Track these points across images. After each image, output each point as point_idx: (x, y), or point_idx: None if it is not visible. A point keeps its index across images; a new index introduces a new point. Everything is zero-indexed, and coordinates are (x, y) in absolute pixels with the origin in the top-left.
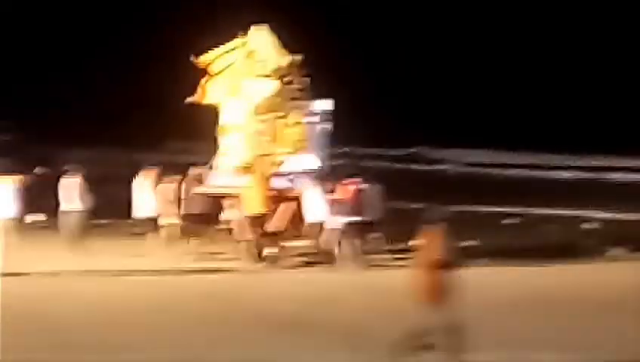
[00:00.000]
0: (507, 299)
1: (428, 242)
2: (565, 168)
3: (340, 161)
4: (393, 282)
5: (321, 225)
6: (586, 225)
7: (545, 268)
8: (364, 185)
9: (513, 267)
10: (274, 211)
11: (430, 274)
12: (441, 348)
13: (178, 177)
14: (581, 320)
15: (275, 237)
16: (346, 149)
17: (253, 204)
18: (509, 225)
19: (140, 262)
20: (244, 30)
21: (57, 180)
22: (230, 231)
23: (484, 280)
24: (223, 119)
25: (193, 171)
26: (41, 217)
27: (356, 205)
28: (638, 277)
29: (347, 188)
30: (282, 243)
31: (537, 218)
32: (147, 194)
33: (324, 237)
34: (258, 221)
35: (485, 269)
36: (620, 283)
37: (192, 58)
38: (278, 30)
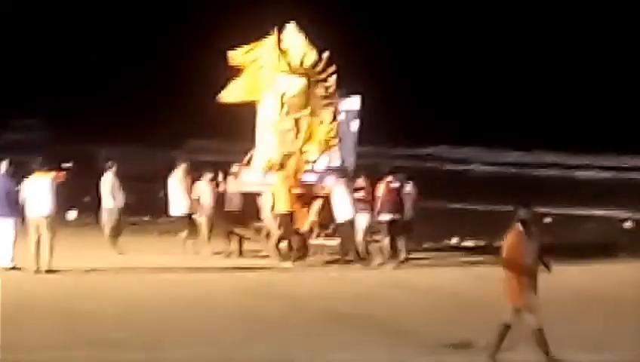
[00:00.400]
0: (547, 297)
1: (513, 242)
2: (596, 168)
3: (370, 160)
4: (428, 280)
5: (351, 223)
6: (627, 224)
7: (585, 266)
8: (398, 183)
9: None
10: (306, 209)
11: (514, 274)
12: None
13: (210, 175)
14: (619, 319)
15: (305, 235)
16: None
17: (280, 202)
18: (549, 224)
19: (173, 259)
20: (274, 27)
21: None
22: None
23: None
24: (258, 116)
25: (233, 169)
26: (74, 214)
27: (391, 203)
28: None
29: (382, 186)
30: (312, 241)
31: (572, 217)
32: (179, 192)
33: (354, 235)
34: (285, 219)
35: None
36: None
37: (229, 56)
38: (306, 27)
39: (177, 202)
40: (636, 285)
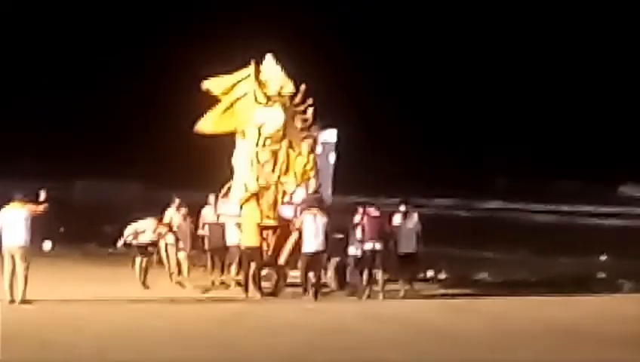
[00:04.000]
0: (524, 330)
1: None
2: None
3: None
4: (404, 312)
5: (312, 256)
6: (602, 258)
7: (559, 298)
8: (376, 213)
9: (527, 297)
10: (279, 241)
11: None
12: None
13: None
14: (596, 352)
15: (279, 268)
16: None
17: (248, 235)
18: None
19: (145, 290)
20: (253, 58)
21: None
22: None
23: (500, 311)
24: (236, 147)
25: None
26: (49, 245)
27: (372, 232)
28: None
29: (361, 216)
30: (291, 273)
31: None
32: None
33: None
34: (254, 252)
35: (500, 300)
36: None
37: (202, 85)
38: (284, 59)
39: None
40: (612, 318)
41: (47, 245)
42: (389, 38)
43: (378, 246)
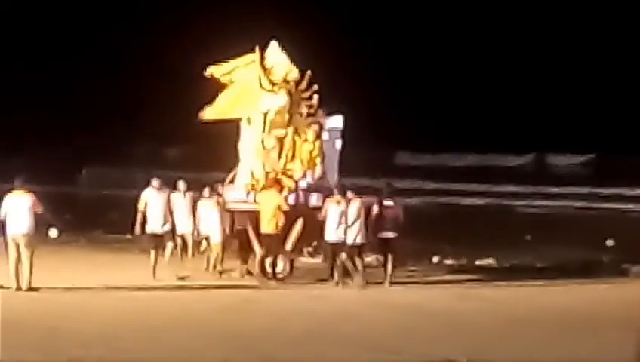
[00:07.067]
0: (530, 317)
1: None
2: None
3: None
4: (409, 299)
5: (335, 245)
6: (609, 242)
7: (567, 285)
8: (390, 203)
9: (533, 282)
10: (288, 228)
11: None
12: None
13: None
14: (603, 339)
15: (288, 254)
16: None
17: (266, 222)
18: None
19: (151, 277)
20: (258, 45)
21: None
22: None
23: (505, 297)
24: (242, 134)
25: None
26: (55, 232)
27: (382, 223)
28: None
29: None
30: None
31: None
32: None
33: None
34: (268, 239)
35: (505, 286)
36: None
37: (206, 71)
38: (288, 46)
39: (153, 219)
40: (620, 303)
41: (53, 232)
42: (396, 23)
43: (390, 235)
